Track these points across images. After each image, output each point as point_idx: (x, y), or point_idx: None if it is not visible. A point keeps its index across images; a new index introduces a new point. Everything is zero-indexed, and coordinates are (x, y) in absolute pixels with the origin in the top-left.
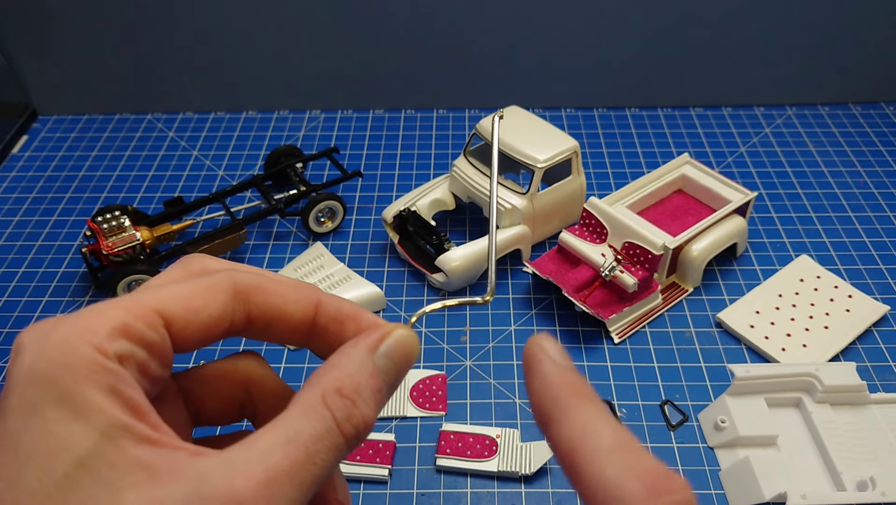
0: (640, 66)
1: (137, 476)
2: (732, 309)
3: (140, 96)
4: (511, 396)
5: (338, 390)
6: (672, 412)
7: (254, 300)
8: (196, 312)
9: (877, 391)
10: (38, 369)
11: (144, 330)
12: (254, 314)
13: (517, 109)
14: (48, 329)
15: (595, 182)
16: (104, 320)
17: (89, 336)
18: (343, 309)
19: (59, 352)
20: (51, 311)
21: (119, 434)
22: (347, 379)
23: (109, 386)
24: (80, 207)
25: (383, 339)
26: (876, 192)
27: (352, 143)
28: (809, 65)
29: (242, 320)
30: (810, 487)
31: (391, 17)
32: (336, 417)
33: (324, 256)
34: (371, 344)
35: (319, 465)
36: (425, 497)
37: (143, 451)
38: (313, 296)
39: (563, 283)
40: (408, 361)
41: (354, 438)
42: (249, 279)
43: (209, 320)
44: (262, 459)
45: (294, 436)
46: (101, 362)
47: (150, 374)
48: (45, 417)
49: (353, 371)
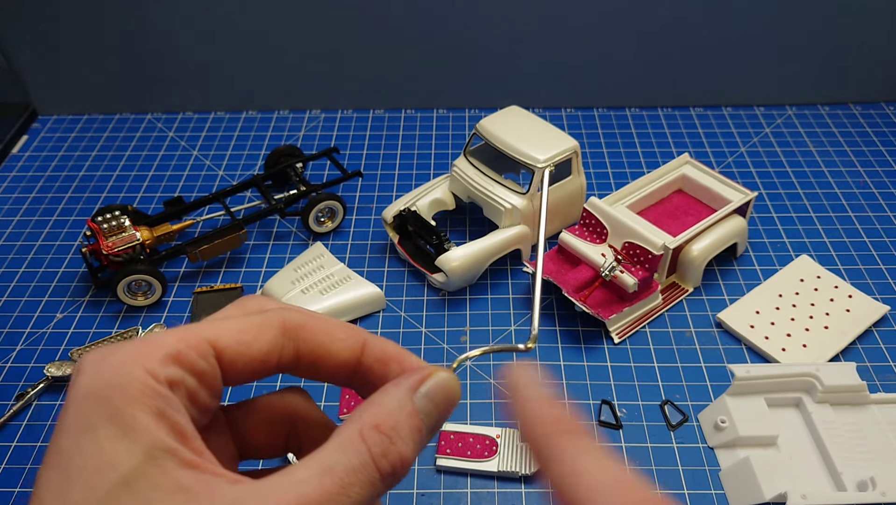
0: (640, 66)
1: (176, 497)
2: (732, 309)
3: (140, 96)
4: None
5: (376, 426)
6: (672, 412)
7: (303, 337)
8: (247, 345)
9: (877, 391)
10: (93, 388)
11: (196, 359)
12: (302, 351)
13: (517, 109)
14: (108, 352)
15: (595, 182)
16: (159, 347)
17: (144, 360)
18: (388, 350)
19: (115, 373)
20: (51, 311)
21: (163, 456)
22: (386, 416)
23: (158, 409)
24: (80, 207)
25: (424, 380)
26: (876, 192)
27: (352, 143)
28: (809, 65)
29: (291, 357)
30: (810, 488)
31: (391, 17)
32: (372, 452)
33: (324, 255)
34: (412, 384)
35: (353, 498)
36: (425, 497)
37: (185, 474)
38: (360, 336)
39: (563, 283)
40: (448, 403)
41: (390, 476)
42: (299, 318)
43: (259, 355)
44: (296, 487)
45: (330, 468)
46: (152, 385)
47: (199, 402)
48: (97, 434)
49: (392, 409)
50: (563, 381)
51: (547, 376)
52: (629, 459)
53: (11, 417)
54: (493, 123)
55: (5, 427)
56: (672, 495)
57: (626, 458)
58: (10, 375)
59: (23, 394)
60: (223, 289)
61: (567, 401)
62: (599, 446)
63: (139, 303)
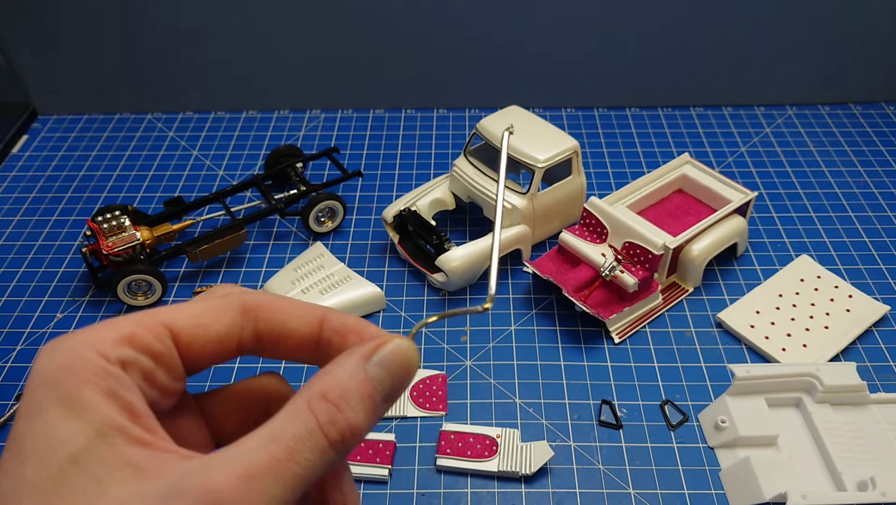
0: (640, 66)
1: (125, 473)
2: (732, 309)
3: (140, 96)
4: (511, 396)
5: (323, 395)
6: (672, 412)
7: (261, 316)
8: (204, 327)
9: (877, 391)
10: (45, 373)
11: (151, 340)
12: (262, 330)
13: (517, 109)
14: (63, 339)
15: (595, 182)
16: (113, 329)
17: (96, 343)
18: (347, 323)
19: (66, 357)
20: (51, 310)
21: (113, 433)
22: (336, 385)
23: (108, 388)
24: (80, 207)
25: (378, 348)
26: (876, 192)
27: (352, 143)
28: (809, 65)
29: (251, 337)
30: (810, 487)
31: (391, 17)
32: (320, 420)
33: (324, 255)
34: (365, 352)
35: (302, 464)
36: (425, 497)
37: (134, 451)
38: (319, 312)
39: (564, 283)
40: (404, 371)
41: (340, 443)
42: (257, 297)
43: (216, 336)
44: (245, 456)
45: (277, 435)
46: (103, 366)
47: (157, 383)
48: (47, 415)
49: (342, 378)
50: (564, 381)
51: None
52: (629, 458)
53: (11, 417)
54: (493, 123)
55: (5, 427)
56: (672, 496)
57: (626, 457)
58: (10, 375)
59: (22, 394)
60: None
61: (567, 402)
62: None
63: (139, 303)
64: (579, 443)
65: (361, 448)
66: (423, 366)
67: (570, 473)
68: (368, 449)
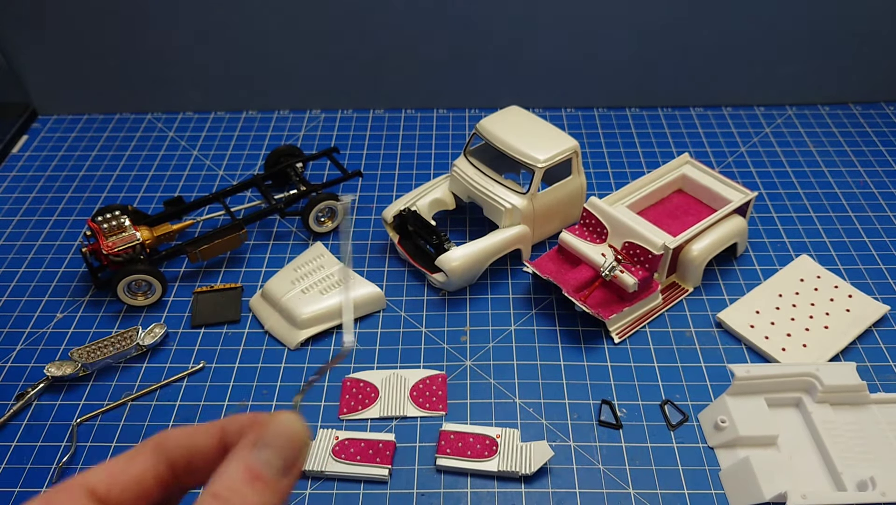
0: (641, 66)
1: None
2: (732, 309)
3: (140, 96)
4: (511, 396)
5: (214, 496)
6: (672, 412)
7: (168, 446)
8: (116, 475)
9: (877, 391)
10: None
11: (69, 504)
12: (173, 458)
13: (517, 109)
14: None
15: (595, 182)
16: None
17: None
18: (242, 421)
19: None
20: (51, 310)
21: None
22: (222, 482)
23: None
24: (80, 207)
25: (262, 432)
26: (876, 192)
27: (352, 143)
28: (809, 65)
29: (167, 469)
30: (810, 487)
31: (391, 17)
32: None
33: (324, 255)
34: (250, 442)
35: None
36: (425, 497)
37: None
38: (217, 422)
39: (564, 283)
40: (291, 443)
41: None
42: (166, 431)
43: (134, 479)
44: None
45: None
46: None
47: None
48: None
49: (229, 473)
50: (564, 381)
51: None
52: (629, 458)
53: (11, 417)
54: (493, 123)
55: (5, 427)
56: (672, 495)
57: (626, 457)
58: (10, 375)
59: (23, 394)
60: (223, 289)
61: (567, 402)
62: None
63: (139, 303)
64: (579, 443)
65: (361, 448)
66: (424, 366)
67: (570, 473)
68: (368, 449)
